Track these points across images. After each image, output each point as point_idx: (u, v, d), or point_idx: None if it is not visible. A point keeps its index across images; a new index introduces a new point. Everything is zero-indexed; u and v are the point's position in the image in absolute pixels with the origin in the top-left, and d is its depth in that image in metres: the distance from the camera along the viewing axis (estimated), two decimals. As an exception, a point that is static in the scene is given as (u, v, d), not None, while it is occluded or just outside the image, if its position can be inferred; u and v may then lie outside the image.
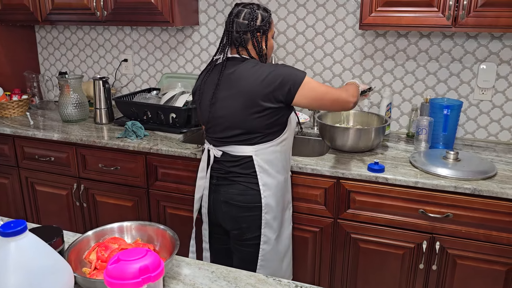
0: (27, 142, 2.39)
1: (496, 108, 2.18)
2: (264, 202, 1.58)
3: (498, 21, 1.76)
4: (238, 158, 1.57)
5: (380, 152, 2.02)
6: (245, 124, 1.52)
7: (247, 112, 1.51)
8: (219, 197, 1.62)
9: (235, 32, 1.55)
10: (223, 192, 1.61)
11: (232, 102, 1.52)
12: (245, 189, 1.57)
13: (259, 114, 1.51)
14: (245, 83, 1.50)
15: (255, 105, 1.49)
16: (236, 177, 1.58)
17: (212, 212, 1.67)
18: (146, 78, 2.86)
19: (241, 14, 1.55)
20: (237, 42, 1.56)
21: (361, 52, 2.33)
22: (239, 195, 1.58)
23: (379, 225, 1.83)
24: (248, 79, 1.50)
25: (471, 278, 1.76)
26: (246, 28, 1.54)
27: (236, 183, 1.58)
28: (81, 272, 1.05)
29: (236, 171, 1.58)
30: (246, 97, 1.50)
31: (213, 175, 1.63)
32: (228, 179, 1.60)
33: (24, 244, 0.79)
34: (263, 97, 1.48)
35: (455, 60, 2.18)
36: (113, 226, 1.18)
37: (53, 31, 3.02)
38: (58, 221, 2.44)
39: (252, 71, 1.51)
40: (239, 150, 1.57)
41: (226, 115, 1.54)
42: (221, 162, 1.61)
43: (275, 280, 1.08)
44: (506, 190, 1.62)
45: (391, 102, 2.26)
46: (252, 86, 1.49)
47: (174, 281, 1.07)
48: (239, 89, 1.51)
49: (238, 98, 1.51)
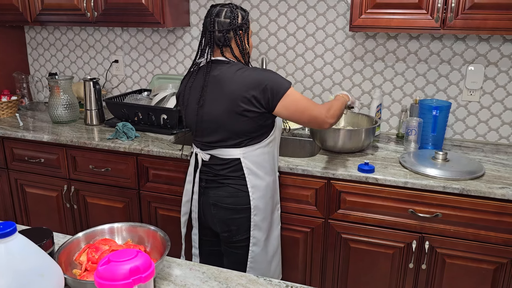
0: (16, 143, 2.37)
1: (484, 109, 2.21)
2: (253, 204, 1.58)
3: (486, 23, 1.79)
4: (226, 161, 1.57)
5: (370, 153, 2.03)
6: (231, 127, 1.52)
7: (232, 115, 1.50)
8: (208, 200, 1.63)
9: (218, 32, 1.52)
10: (212, 195, 1.61)
11: (218, 106, 1.52)
12: (234, 191, 1.57)
13: (244, 118, 1.50)
14: (230, 87, 1.49)
15: (239, 109, 1.48)
16: (225, 180, 1.58)
17: (202, 215, 1.68)
18: (137, 79, 2.85)
19: (221, 13, 1.52)
20: (220, 42, 1.54)
21: (351, 53, 2.34)
22: (228, 197, 1.58)
23: (369, 225, 1.84)
24: (233, 83, 1.49)
25: (460, 277, 1.78)
26: (229, 26, 1.52)
27: (225, 185, 1.58)
28: (71, 274, 1.05)
29: (224, 174, 1.58)
30: (231, 101, 1.49)
31: (202, 178, 1.64)
32: (216, 181, 1.60)
33: (13, 246, 0.78)
34: (247, 102, 1.48)
35: (443, 61, 2.21)
36: (104, 227, 1.18)
37: (43, 32, 2.99)
38: (48, 223, 2.42)
39: (237, 75, 1.50)
40: (227, 153, 1.57)
41: (212, 118, 1.54)
42: (210, 165, 1.61)
43: (266, 280, 1.09)
44: (494, 190, 1.64)
45: (381, 103, 2.28)
46: (236, 90, 1.48)
47: (165, 282, 1.07)
48: (224, 93, 1.50)
49: (224, 102, 1.50)
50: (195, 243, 1.73)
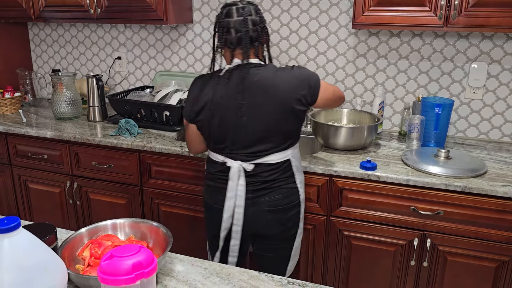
0: (19, 139, 2.38)
1: (487, 107, 2.21)
2: (301, 198, 1.63)
3: (489, 21, 1.79)
4: (276, 165, 1.55)
5: (372, 150, 2.03)
6: (285, 131, 1.51)
7: (285, 119, 1.48)
8: (260, 208, 1.56)
9: (252, 31, 1.46)
10: (266, 201, 1.56)
11: (268, 112, 1.46)
12: (287, 191, 1.58)
13: (296, 119, 1.51)
14: (278, 91, 1.45)
15: (294, 111, 1.48)
16: (276, 183, 1.56)
17: (249, 225, 1.59)
18: (139, 76, 2.85)
19: (249, 11, 1.46)
20: (256, 40, 1.48)
21: (354, 51, 2.34)
22: (284, 198, 1.58)
23: (371, 223, 1.85)
24: (279, 86, 1.45)
25: (461, 275, 1.79)
26: (261, 23, 1.48)
27: (277, 188, 1.56)
28: (74, 269, 1.06)
29: (274, 178, 1.55)
30: (283, 105, 1.46)
31: (248, 189, 1.55)
32: (267, 188, 1.56)
33: (17, 240, 0.79)
34: (299, 102, 1.47)
35: (446, 59, 2.20)
36: (107, 223, 1.18)
37: (46, 29, 3.00)
38: (51, 219, 2.43)
39: (279, 76, 1.46)
40: (277, 157, 1.54)
41: (263, 127, 1.48)
42: (255, 174, 1.54)
43: (268, 276, 1.09)
44: (496, 187, 1.64)
45: (383, 100, 2.27)
46: (287, 93, 1.45)
47: (167, 278, 1.08)
48: (273, 98, 1.45)
49: (274, 107, 1.46)
50: (233, 252, 1.64)
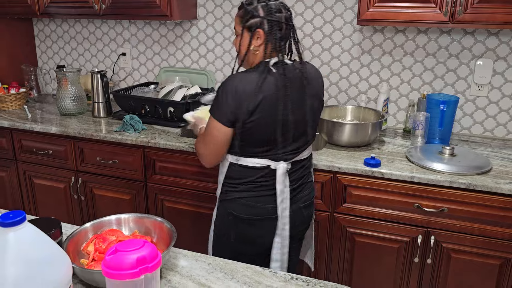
0: (25, 135, 2.39)
1: (492, 104, 2.19)
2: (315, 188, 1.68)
3: (495, 17, 1.77)
4: (306, 160, 1.58)
5: (376, 147, 2.03)
6: (315, 125, 1.57)
7: (317, 112, 1.56)
8: (297, 206, 1.55)
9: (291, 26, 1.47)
10: (301, 198, 1.57)
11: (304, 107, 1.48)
12: (311, 185, 1.63)
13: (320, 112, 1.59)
14: (312, 85, 1.50)
15: (322, 104, 1.57)
16: (305, 179, 1.59)
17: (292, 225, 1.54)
18: (144, 72, 2.86)
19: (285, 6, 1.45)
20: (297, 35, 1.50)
21: (358, 47, 2.33)
22: (310, 193, 1.62)
23: (375, 219, 1.84)
24: (314, 79, 1.52)
25: (465, 272, 1.78)
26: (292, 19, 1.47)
27: (306, 183, 1.60)
28: (79, 263, 1.06)
29: (305, 173, 1.58)
30: (315, 98, 1.52)
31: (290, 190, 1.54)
32: (301, 185, 1.57)
33: (23, 234, 0.79)
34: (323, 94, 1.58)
35: (452, 56, 2.19)
36: (111, 218, 1.19)
37: (51, 24, 3.01)
38: (55, 214, 2.45)
39: (309, 70, 1.51)
40: (307, 152, 1.57)
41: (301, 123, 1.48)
42: (293, 172, 1.52)
43: (271, 272, 1.09)
44: (501, 185, 1.63)
45: (388, 97, 2.27)
46: (317, 87, 1.53)
47: (171, 273, 1.08)
48: (307, 92, 1.48)
49: (312, 100, 1.50)
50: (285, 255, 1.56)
